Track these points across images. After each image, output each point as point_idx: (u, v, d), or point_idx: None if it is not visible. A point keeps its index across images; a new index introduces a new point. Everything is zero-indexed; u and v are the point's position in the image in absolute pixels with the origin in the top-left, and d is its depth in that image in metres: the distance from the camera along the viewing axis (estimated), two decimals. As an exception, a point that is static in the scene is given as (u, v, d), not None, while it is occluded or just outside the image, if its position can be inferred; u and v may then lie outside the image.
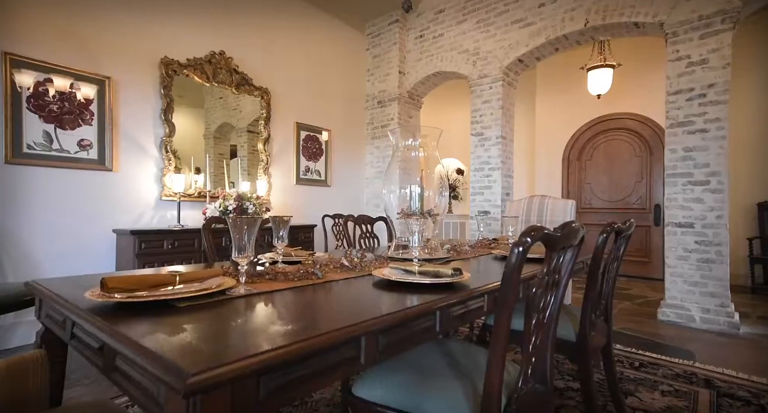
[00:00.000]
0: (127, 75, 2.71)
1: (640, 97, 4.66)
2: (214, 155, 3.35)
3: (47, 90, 2.32)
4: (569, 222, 0.76)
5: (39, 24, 2.32)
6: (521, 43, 3.60)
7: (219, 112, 3.37)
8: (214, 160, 3.34)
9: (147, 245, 2.43)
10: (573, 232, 0.77)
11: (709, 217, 2.62)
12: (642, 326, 2.67)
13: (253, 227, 0.80)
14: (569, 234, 0.76)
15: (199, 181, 3.20)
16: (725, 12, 2.54)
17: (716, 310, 2.57)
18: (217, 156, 3.38)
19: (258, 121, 3.62)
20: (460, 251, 1.56)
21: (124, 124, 2.70)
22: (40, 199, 2.33)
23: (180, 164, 2.99)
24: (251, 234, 0.80)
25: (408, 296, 0.82)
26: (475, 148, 3.97)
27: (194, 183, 3.10)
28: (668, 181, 2.79)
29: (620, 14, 2.97)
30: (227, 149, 3.49)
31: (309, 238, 3.64)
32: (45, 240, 2.34)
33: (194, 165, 3.14)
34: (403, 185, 1.46)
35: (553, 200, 2.40)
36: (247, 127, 3.59)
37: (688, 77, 2.70)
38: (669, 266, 2.77)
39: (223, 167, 3.37)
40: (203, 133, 3.26)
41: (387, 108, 4.71)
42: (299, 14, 4.01)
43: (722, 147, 2.58)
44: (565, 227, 0.73)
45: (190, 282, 0.76)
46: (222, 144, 3.44)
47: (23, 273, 2.27)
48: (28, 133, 2.25)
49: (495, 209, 3.84)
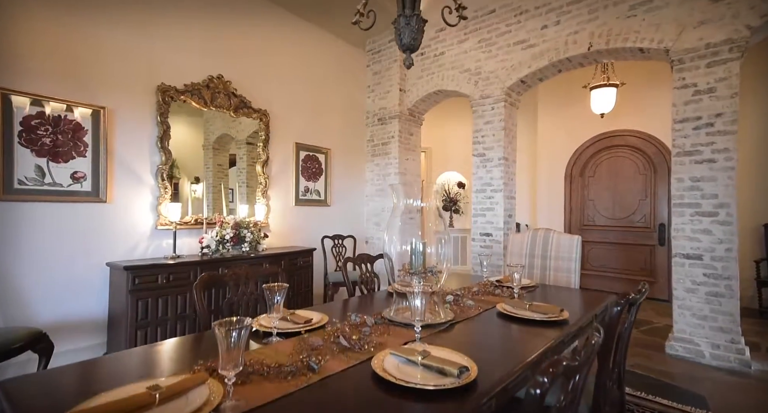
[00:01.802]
0: (123, 103, 2.65)
1: (643, 115, 4.60)
2: (213, 166, 3.31)
3: (40, 123, 2.27)
4: (589, 342, 0.70)
5: (33, 56, 2.27)
6: (524, 64, 3.55)
7: (218, 123, 3.33)
8: (213, 170, 3.30)
9: (141, 280, 2.37)
10: (592, 352, 0.70)
11: (718, 250, 2.55)
12: (651, 361, 2.60)
13: (243, 334, 0.74)
14: (589, 356, 0.69)
15: (198, 191, 3.18)
16: (733, 41, 2.48)
17: (726, 346, 2.50)
18: (216, 166, 3.34)
19: (258, 133, 3.56)
20: (462, 306, 1.50)
21: (120, 153, 2.64)
22: (31, 234, 2.27)
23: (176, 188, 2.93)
24: (240, 341, 0.74)
25: (409, 406, 0.76)
26: (476, 168, 3.92)
27: (190, 207, 3.03)
28: (675, 210, 2.73)
29: (624, 39, 2.92)
30: (226, 159, 3.45)
31: (308, 263, 3.58)
32: (36, 277, 2.28)
33: (193, 174, 3.10)
34: (405, 239, 1.40)
35: (558, 235, 2.33)
36: (246, 139, 3.53)
37: (694, 106, 2.64)
38: (677, 298, 2.70)
39: (221, 178, 3.35)
40: (202, 143, 3.22)
41: (387, 125, 4.66)
42: (298, 32, 3.97)
43: (731, 178, 2.52)
44: (586, 348, 0.67)
45: (172, 398, 0.70)
46: (221, 155, 3.39)
47: (13, 312, 2.20)
48: (20, 168, 2.20)
49: (497, 232, 3.78)
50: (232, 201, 3.43)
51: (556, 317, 1.33)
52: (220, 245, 2.88)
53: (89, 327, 2.48)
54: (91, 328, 2.49)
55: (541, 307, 1.42)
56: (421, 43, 1.34)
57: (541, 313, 1.37)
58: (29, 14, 2.26)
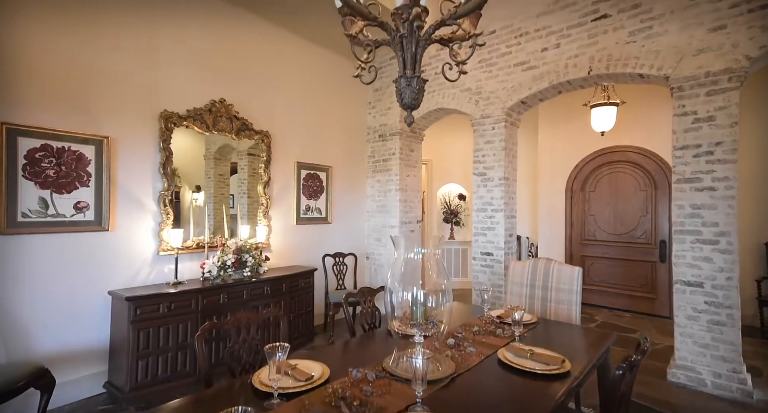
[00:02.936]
0: (126, 132, 2.67)
1: (643, 131, 4.61)
2: (215, 176, 3.34)
3: (44, 155, 2.29)
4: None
5: (36, 89, 2.29)
6: (524, 85, 3.56)
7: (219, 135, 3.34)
8: (214, 180, 3.33)
9: (142, 310, 2.38)
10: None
11: (719, 278, 2.55)
12: (652, 389, 2.59)
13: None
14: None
15: (199, 199, 3.21)
16: (732, 71, 2.50)
17: (728, 376, 2.49)
18: (217, 177, 3.37)
19: (258, 145, 3.57)
20: (463, 353, 1.50)
21: (122, 181, 2.66)
22: (34, 266, 2.28)
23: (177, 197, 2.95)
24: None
25: None
26: (477, 187, 3.92)
27: (191, 229, 3.04)
28: (676, 237, 2.73)
29: (624, 65, 2.94)
30: (227, 169, 3.48)
31: (309, 283, 3.58)
32: (37, 307, 2.29)
33: (194, 183, 3.16)
34: (406, 288, 1.40)
35: (558, 265, 2.34)
36: (248, 150, 3.55)
37: (694, 133, 2.65)
38: (678, 325, 2.70)
39: (222, 188, 3.39)
40: (203, 154, 3.24)
41: (388, 142, 4.68)
42: (299, 51, 3.99)
43: (731, 207, 2.52)
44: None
45: None
46: (222, 165, 3.42)
47: (14, 343, 2.21)
48: (24, 201, 2.21)
49: (498, 251, 3.78)
50: (233, 206, 3.47)
51: (558, 369, 1.33)
52: (222, 270, 2.89)
53: (90, 355, 2.49)
54: (92, 357, 2.50)
55: (543, 356, 1.42)
56: (421, 102, 1.35)
57: (543, 364, 1.37)
58: (31, 46, 2.28)
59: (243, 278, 2.97)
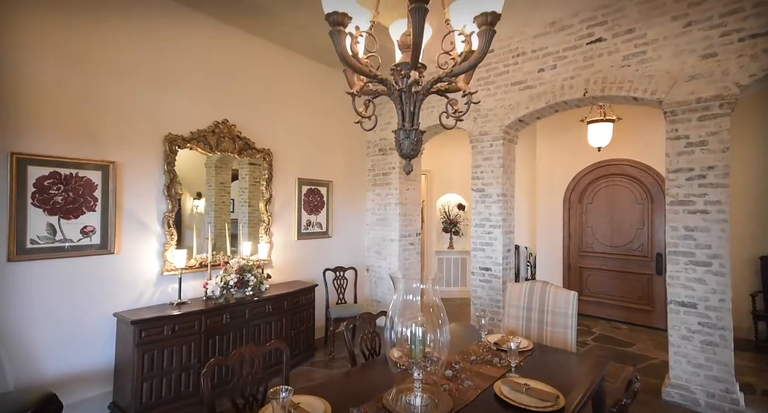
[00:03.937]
0: (131, 156, 2.73)
1: (639, 145, 4.68)
2: (216, 184, 3.41)
3: (53, 183, 2.34)
4: None
5: (44, 119, 2.35)
6: (521, 104, 3.62)
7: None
8: (216, 188, 3.40)
9: (147, 333, 2.43)
10: None
11: (712, 300, 2.60)
12: (648, 408, 2.65)
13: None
14: None
15: (200, 206, 3.28)
16: (723, 97, 2.56)
17: (721, 396, 2.54)
18: (218, 185, 3.43)
19: (261, 163, 3.63)
20: (460, 387, 1.55)
21: (128, 204, 2.72)
22: (41, 291, 2.33)
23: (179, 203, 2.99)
24: None
25: None
26: (476, 203, 3.98)
27: (194, 249, 3.10)
28: (670, 258, 2.79)
29: (619, 88, 3.00)
30: (228, 177, 3.54)
31: (310, 299, 3.63)
32: (44, 331, 2.34)
33: (195, 190, 3.22)
34: (405, 324, 1.46)
35: (555, 289, 2.39)
36: (249, 160, 3.61)
37: (687, 157, 2.71)
38: (673, 345, 2.75)
39: (223, 196, 3.46)
40: (204, 162, 3.31)
41: (388, 156, 4.74)
42: (299, 69, 4.05)
43: (723, 230, 2.58)
44: None
45: None
46: (223, 173, 3.48)
47: (22, 367, 2.26)
48: (32, 228, 2.27)
49: (496, 266, 3.83)
50: (233, 211, 3.53)
51: (552, 406, 1.39)
52: (224, 290, 2.95)
53: (96, 377, 2.54)
54: (97, 378, 2.55)
55: (538, 392, 1.47)
56: (419, 152, 1.41)
57: (538, 399, 1.43)
58: (38, 77, 2.34)
59: (245, 297, 3.02)
